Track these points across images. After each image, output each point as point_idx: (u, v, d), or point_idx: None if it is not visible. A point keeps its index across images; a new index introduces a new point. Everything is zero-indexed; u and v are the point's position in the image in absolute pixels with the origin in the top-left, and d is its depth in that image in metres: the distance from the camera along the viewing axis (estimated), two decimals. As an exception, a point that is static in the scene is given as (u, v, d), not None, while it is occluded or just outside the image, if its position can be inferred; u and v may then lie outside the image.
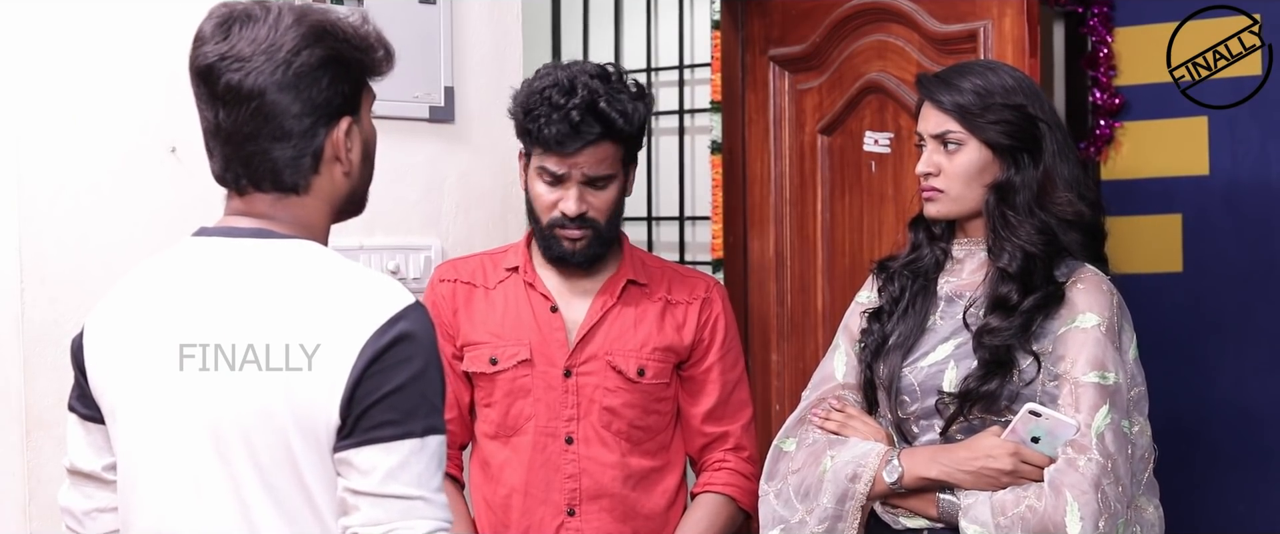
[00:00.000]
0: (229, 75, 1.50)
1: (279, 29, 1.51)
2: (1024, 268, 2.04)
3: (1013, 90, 2.09)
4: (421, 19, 2.79)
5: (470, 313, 2.33)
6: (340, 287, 1.51)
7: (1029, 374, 2.03)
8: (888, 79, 3.13)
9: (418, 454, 1.45)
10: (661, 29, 3.90)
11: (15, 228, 2.25)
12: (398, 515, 1.43)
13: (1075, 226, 2.08)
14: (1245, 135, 3.40)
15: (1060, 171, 2.07)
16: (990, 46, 2.95)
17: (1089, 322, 2.02)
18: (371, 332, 1.45)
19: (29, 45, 2.26)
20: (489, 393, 2.32)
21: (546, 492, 2.29)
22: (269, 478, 1.49)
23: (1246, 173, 3.41)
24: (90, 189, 2.31)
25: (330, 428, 1.46)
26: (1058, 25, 3.58)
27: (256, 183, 1.55)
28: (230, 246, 1.55)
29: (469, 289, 2.34)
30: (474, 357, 2.32)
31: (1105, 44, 3.47)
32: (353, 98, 1.59)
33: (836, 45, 3.25)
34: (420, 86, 2.59)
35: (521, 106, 2.30)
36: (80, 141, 2.31)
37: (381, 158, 2.74)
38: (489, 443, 2.33)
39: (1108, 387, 1.99)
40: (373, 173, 1.69)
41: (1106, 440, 1.96)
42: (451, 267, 2.40)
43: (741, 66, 3.45)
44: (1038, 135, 2.07)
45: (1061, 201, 2.06)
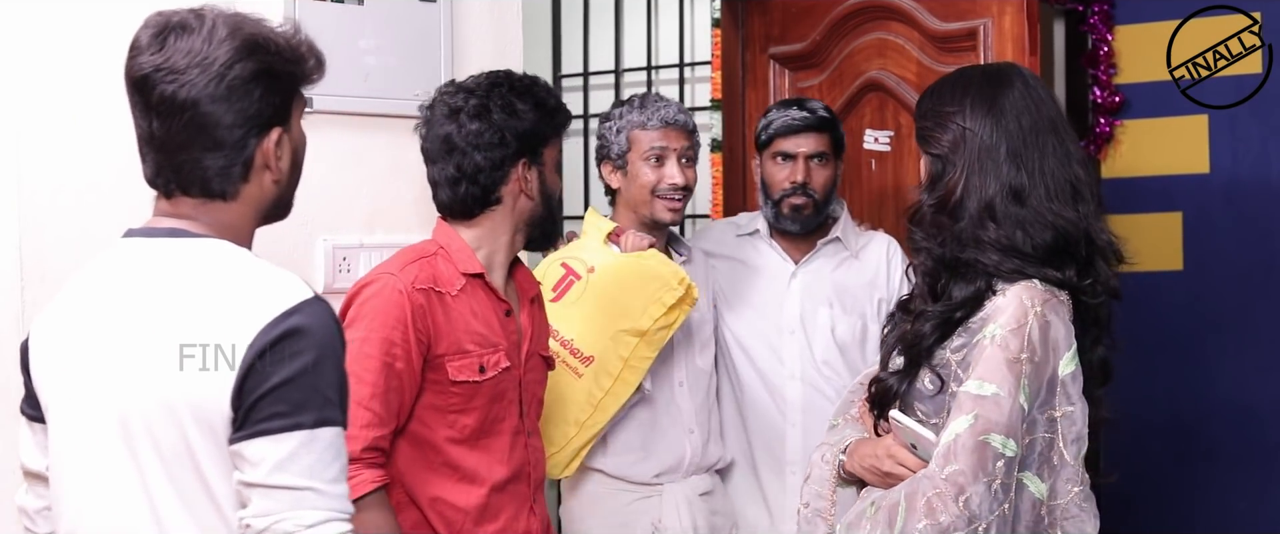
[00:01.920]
0: (163, 87, 1.54)
1: (213, 41, 1.54)
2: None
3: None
4: (421, 17, 2.79)
5: (448, 321, 2.27)
6: (239, 283, 1.54)
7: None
8: (888, 77, 3.13)
9: (308, 446, 1.47)
10: (662, 27, 3.90)
11: (16, 226, 2.25)
12: (287, 506, 1.46)
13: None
14: (1245, 134, 3.41)
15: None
16: (990, 44, 2.95)
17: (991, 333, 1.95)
18: (262, 325, 1.48)
19: (29, 45, 2.27)
20: (468, 400, 2.28)
21: (519, 484, 2.36)
22: (172, 470, 1.52)
23: (1247, 171, 3.42)
24: (90, 187, 2.31)
25: (225, 420, 1.48)
26: (1058, 23, 3.58)
27: (185, 188, 1.59)
28: (146, 246, 1.60)
29: (439, 297, 2.28)
30: (460, 366, 2.27)
31: (1105, 42, 3.47)
32: (283, 108, 1.62)
33: (836, 43, 3.25)
34: (419, 84, 2.59)
35: (544, 108, 2.32)
36: (80, 141, 2.31)
37: (381, 156, 2.77)
38: (456, 448, 2.28)
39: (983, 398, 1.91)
40: (300, 177, 1.71)
41: (955, 449, 1.89)
42: (416, 273, 2.27)
43: (742, 65, 3.45)
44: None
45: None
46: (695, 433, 2.80)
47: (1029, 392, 1.91)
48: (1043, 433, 1.94)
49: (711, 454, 2.84)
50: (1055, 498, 1.96)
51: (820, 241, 2.89)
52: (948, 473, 1.88)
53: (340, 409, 1.52)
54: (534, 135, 2.29)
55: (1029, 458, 1.94)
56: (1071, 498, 1.96)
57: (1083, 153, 2.09)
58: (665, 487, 2.77)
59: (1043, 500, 1.95)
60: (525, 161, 2.29)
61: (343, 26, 2.65)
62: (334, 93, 2.64)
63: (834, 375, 2.84)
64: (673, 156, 2.73)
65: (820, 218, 2.88)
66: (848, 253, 2.90)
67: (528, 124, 2.29)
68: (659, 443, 2.77)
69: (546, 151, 2.33)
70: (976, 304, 1.98)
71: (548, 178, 2.35)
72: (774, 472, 2.87)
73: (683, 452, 2.78)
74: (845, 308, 2.86)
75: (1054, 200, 1.98)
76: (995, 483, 1.88)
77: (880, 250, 2.91)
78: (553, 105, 2.34)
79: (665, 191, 2.72)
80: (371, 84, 2.70)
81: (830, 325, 2.85)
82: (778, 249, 2.92)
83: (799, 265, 2.90)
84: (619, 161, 2.77)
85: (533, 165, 2.31)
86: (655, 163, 2.73)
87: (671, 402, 2.80)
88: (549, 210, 2.36)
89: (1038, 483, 1.95)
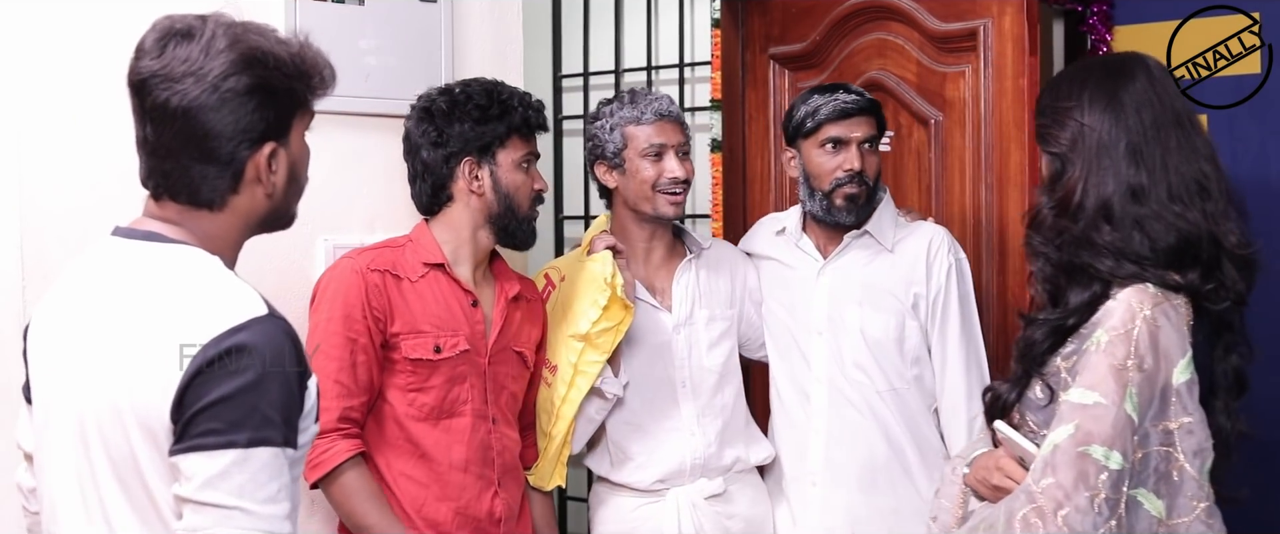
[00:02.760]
0: (158, 93, 1.55)
1: (210, 52, 1.55)
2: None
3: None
4: (422, 17, 2.79)
5: (405, 302, 2.44)
6: (194, 295, 1.54)
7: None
8: (888, 77, 3.13)
9: (240, 465, 1.46)
10: (662, 27, 3.90)
11: (17, 225, 2.26)
12: (212, 523, 1.46)
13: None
14: (1245, 134, 3.40)
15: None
16: (990, 44, 2.96)
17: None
18: (208, 339, 1.48)
19: (30, 45, 2.27)
20: (425, 378, 2.44)
21: (482, 467, 2.49)
22: (120, 472, 1.54)
23: (1246, 172, 3.41)
24: (91, 186, 2.31)
25: (166, 430, 1.50)
26: (1058, 23, 3.57)
27: (173, 194, 1.60)
28: (122, 247, 1.61)
29: (396, 280, 2.45)
30: (415, 344, 2.43)
31: (1105, 42, 3.47)
32: (280, 123, 1.62)
33: (836, 43, 3.25)
34: (420, 85, 2.59)
35: (500, 108, 2.48)
36: (81, 140, 2.31)
37: (382, 157, 2.77)
38: (417, 425, 2.44)
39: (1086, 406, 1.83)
40: (302, 191, 1.72)
41: (1054, 461, 1.81)
42: (374, 256, 2.47)
43: (741, 65, 3.45)
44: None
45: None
46: (698, 436, 2.74)
47: (1138, 401, 1.80)
48: (1157, 446, 1.84)
49: (725, 456, 2.76)
50: (1176, 515, 1.84)
51: (847, 236, 2.75)
52: (1044, 487, 1.78)
53: (281, 429, 1.50)
54: (478, 134, 2.46)
55: (1143, 473, 1.83)
56: (1196, 514, 1.84)
57: (1211, 148, 1.96)
58: (669, 492, 2.73)
59: (1161, 518, 1.83)
60: (472, 160, 2.48)
61: (343, 26, 2.66)
62: (334, 93, 2.64)
63: (865, 379, 2.71)
64: (671, 151, 2.70)
65: (872, 207, 2.74)
66: (881, 247, 2.74)
67: (469, 123, 2.46)
68: (658, 449, 2.73)
69: (501, 152, 2.48)
70: (1090, 310, 1.88)
71: (503, 177, 2.48)
72: (797, 478, 2.79)
73: (684, 456, 2.72)
74: (877, 306, 2.71)
75: (1177, 200, 1.88)
76: (1098, 498, 1.77)
77: (921, 243, 2.72)
78: (504, 107, 2.47)
79: (666, 186, 2.69)
80: (372, 84, 2.70)
81: (860, 325, 2.71)
82: (807, 247, 2.81)
83: (826, 262, 2.77)
84: (615, 160, 2.72)
85: (483, 164, 2.48)
86: (654, 158, 2.70)
87: (672, 405, 2.76)
88: (509, 208, 2.50)
89: (1154, 500, 1.84)
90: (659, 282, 2.80)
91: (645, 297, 2.77)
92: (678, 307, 2.77)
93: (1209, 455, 1.85)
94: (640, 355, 2.75)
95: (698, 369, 2.77)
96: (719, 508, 2.75)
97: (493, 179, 2.49)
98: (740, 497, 2.79)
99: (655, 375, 2.76)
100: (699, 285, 2.80)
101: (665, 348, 2.75)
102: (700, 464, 2.73)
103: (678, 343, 2.77)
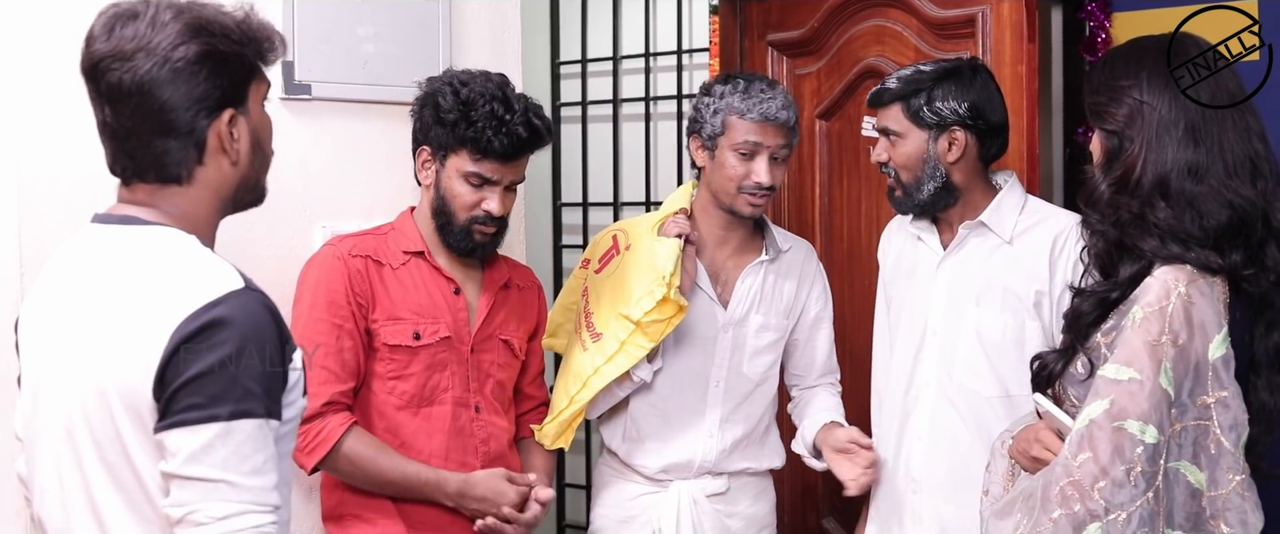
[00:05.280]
0: (111, 73, 1.57)
1: (156, 26, 1.57)
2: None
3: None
4: (420, 4, 2.79)
5: (386, 289, 2.45)
6: (170, 273, 1.55)
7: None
8: (886, 64, 3.13)
9: (223, 438, 1.48)
10: (660, 14, 3.90)
11: (15, 213, 2.26)
12: (198, 497, 1.47)
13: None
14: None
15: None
16: (989, 31, 2.95)
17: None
18: (185, 316, 1.49)
19: (28, 36, 2.26)
20: (405, 365, 2.44)
21: (463, 455, 2.49)
22: (105, 455, 1.55)
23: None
24: (89, 175, 2.30)
25: (150, 408, 1.51)
26: (1056, 10, 3.57)
27: (141, 174, 1.62)
28: (100, 233, 1.62)
29: (378, 267, 2.46)
30: (395, 330, 2.44)
31: (1103, 29, 3.46)
32: (235, 90, 1.63)
33: (835, 30, 3.25)
34: (419, 72, 2.59)
35: (459, 115, 2.40)
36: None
37: (380, 144, 2.77)
38: (398, 414, 2.45)
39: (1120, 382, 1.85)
40: (268, 161, 1.73)
41: (1090, 436, 1.84)
42: (355, 243, 2.48)
43: (740, 51, 3.45)
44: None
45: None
46: (715, 439, 2.69)
47: (1173, 376, 1.83)
48: (1193, 420, 1.85)
49: (735, 462, 2.72)
50: (1216, 488, 1.86)
51: (961, 227, 2.51)
52: (1080, 461, 1.82)
53: (263, 401, 1.51)
54: (436, 133, 2.43)
55: (1183, 446, 1.85)
56: (1233, 487, 1.85)
57: (1262, 127, 1.98)
58: (672, 483, 2.71)
59: (1202, 490, 1.85)
60: (428, 151, 2.47)
61: (342, 14, 2.65)
62: (333, 80, 2.65)
63: (979, 385, 2.46)
64: (765, 154, 2.58)
65: (951, 198, 2.50)
66: (1000, 240, 2.47)
67: (432, 114, 2.44)
68: (673, 440, 2.70)
69: (451, 157, 2.44)
70: (1133, 284, 1.91)
71: (446, 182, 2.45)
72: (892, 481, 2.62)
73: (695, 452, 2.69)
74: (997, 305, 2.45)
75: (1233, 177, 1.89)
76: (1134, 471, 1.80)
77: (1047, 235, 2.45)
78: (466, 118, 2.40)
79: (750, 188, 2.59)
80: (370, 71, 2.70)
81: (976, 327, 2.46)
82: (927, 237, 2.58)
83: (945, 254, 2.54)
84: (709, 143, 2.63)
85: (435, 158, 2.46)
86: (746, 156, 2.59)
87: (700, 403, 2.70)
88: (444, 213, 2.47)
89: (1196, 472, 1.85)
90: (725, 274, 2.72)
91: (705, 285, 2.69)
92: (735, 305, 2.70)
93: (1244, 430, 1.87)
94: (683, 345, 2.69)
95: (735, 374, 2.71)
96: (720, 506, 2.73)
97: (437, 178, 2.46)
98: (742, 496, 2.77)
99: (692, 369, 2.70)
100: (763, 289, 2.72)
101: (710, 343, 2.69)
102: (709, 464, 2.71)
103: (723, 342, 2.70)
